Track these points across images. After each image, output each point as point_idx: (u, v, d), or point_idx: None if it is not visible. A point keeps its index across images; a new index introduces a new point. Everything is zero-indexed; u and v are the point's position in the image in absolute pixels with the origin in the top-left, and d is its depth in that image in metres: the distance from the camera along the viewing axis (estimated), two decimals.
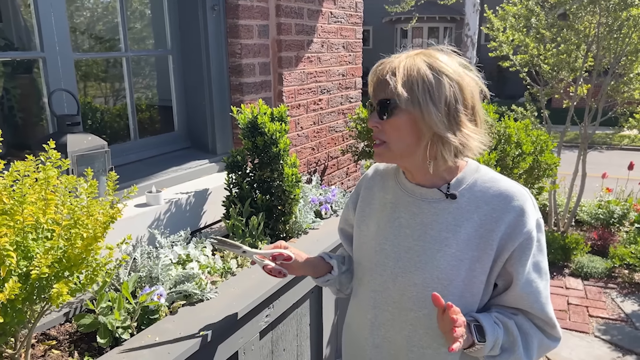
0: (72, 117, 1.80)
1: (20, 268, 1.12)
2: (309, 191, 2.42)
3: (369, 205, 1.37)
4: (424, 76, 1.12)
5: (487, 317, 1.18)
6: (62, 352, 1.39)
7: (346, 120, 3.43)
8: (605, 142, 9.57)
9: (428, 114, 1.12)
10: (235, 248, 1.40)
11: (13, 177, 1.17)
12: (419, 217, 1.24)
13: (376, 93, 1.18)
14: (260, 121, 2.03)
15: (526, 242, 1.16)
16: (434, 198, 1.23)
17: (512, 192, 1.19)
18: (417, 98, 1.12)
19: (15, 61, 2.14)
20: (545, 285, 1.21)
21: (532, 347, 1.20)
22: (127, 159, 2.28)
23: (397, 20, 21.46)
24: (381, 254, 1.29)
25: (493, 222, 1.17)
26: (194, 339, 1.38)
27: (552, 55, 5.17)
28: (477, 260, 1.18)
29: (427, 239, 1.22)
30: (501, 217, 1.17)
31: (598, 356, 3.39)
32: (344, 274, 1.49)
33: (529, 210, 1.18)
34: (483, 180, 1.22)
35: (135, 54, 2.41)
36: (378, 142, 1.20)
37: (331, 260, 1.47)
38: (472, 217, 1.19)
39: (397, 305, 1.26)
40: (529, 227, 1.16)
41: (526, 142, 2.77)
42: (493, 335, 1.15)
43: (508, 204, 1.18)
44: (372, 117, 1.20)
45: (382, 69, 1.17)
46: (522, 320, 1.21)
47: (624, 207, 5.41)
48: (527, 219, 1.17)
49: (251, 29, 2.52)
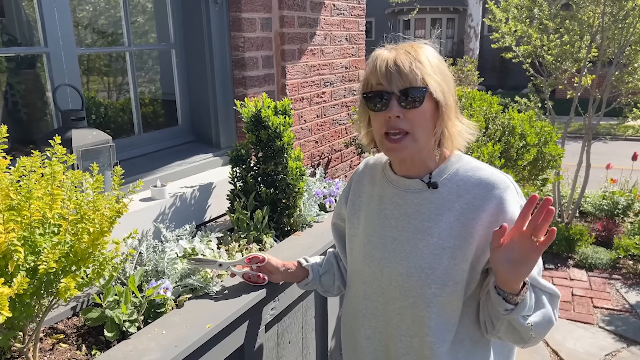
0: (77, 112, 1.80)
1: (28, 263, 1.13)
2: (313, 184, 2.42)
3: (358, 198, 1.40)
4: (441, 66, 1.19)
5: None
6: (70, 346, 1.40)
7: (349, 113, 3.43)
8: (609, 133, 9.54)
9: (449, 101, 1.19)
10: (212, 263, 1.52)
11: (19, 173, 1.17)
12: (403, 208, 1.27)
13: (394, 83, 1.16)
14: (264, 115, 2.03)
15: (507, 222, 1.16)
16: (417, 188, 1.26)
17: (493, 180, 1.20)
18: (442, 86, 1.18)
19: (19, 56, 2.14)
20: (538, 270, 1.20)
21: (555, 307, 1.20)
22: (131, 153, 2.29)
23: (400, 11, 21.34)
24: (369, 245, 1.32)
25: (474, 211, 1.19)
26: (200, 332, 1.39)
27: (555, 46, 5.14)
28: (458, 249, 1.19)
29: (410, 229, 1.25)
30: (482, 206, 1.18)
31: (603, 347, 3.40)
32: (324, 275, 1.56)
33: (509, 198, 1.18)
34: (465, 169, 1.24)
35: (139, 48, 2.40)
36: (399, 134, 1.18)
37: (307, 265, 1.55)
38: (453, 206, 1.21)
39: (385, 295, 1.28)
40: (512, 214, 1.16)
41: (530, 134, 2.76)
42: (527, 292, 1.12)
43: (489, 192, 1.19)
44: (392, 108, 1.16)
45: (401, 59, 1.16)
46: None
47: (629, 198, 5.39)
48: (509, 206, 1.17)
49: (254, 22, 2.51)
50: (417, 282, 1.21)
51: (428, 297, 1.20)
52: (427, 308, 1.21)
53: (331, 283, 1.57)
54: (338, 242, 1.52)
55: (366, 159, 1.47)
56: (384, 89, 1.17)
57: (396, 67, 1.16)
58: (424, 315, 1.21)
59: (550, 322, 1.17)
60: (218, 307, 1.52)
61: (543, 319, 1.16)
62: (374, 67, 1.19)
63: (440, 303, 1.21)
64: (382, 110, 1.19)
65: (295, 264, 1.58)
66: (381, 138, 1.22)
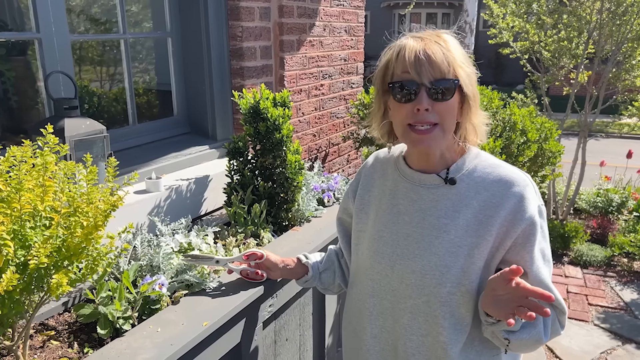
0: (70, 101, 1.74)
1: (17, 257, 1.07)
2: (312, 178, 2.38)
3: (368, 192, 1.36)
4: (467, 57, 1.16)
5: None
6: (62, 343, 1.35)
7: (347, 106, 3.38)
8: (602, 130, 9.56)
9: (475, 93, 1.17)
10: (209, 260, 1.50)
11: (9, 163, 1.12)
12: (418, 204, 1.23)
13: (424, 74, 1.11)
14: (263, 106, 1.98)
15: (529, 229, 1.14)
16: (433, 184, 1.22)
17: (512, 178, 1.17)
18: (471, 77, 1.16)
19: (9, 42, 2.07)
20: (549, 272, 1.19)
21: (548, 326, 1.16)
22: (125, 144, 2.23)
23: (395, 5, 21.29)
24: (379, 241, 1.28)
25: (492, 208, 1.15)
26: (197, 330, 1.34)
27: (553, 42, 5.11)
28: (475, 247, 1.16)
29: (425, 226, 1.21)
30: (501, 203, 1.15)
31: (598, 344, 3.39)
32: (324, 273, 1.52)
33: (529, 196, 1.16)
34: (483, 166, 1.21)
35: (134, 36, 2.34)
36: (428, 126, 1.14)
37: (307, 262, 1.52)
38: (471, 203, 1.17)
39: (396, 294, 1.24)
40: (531, 213, 1.14)
41: (531, 130, 2.73)
42: None
43: (508, 189, 1.16)
44: (421, 100, 1.12)
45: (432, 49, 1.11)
46: None
47: (623, 196, 5.39)
48: (528, 204, 1.15)
49: (252, 11, 2.45)
50: (431, 281, 1.18)
51: (443, 296, 1.17)
52: (441, 307, 1.18)
53: (331, 281, 1.53)
54: (342, 237, 1.48)
55: (376, 153, 1.43)
56: (411, 78, 1.12)
57: (427, 57, 1.11)
58: (438, 315, 1.18)
59: (538, 342, 1.15)
60: (215, 304, 1.48)
61: (529, 338, 1.13)
62: (402, 57, 1.13)
63: (455, 302, 1.17)
64: (409, 102, 1.14)
65: (295, 260, 1.54)
66: (405, 130, 1.17)
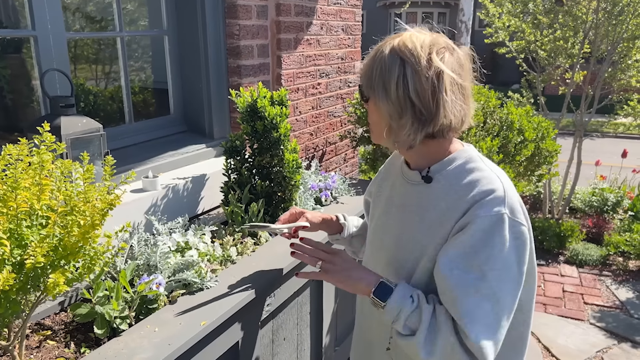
0: (66, 99, 1.73)
1: (14, 257, 1.06)
2: (309, 177, 2.37)
3: (385, 181, 1.40)
4: (383, 60, 1.12)
5: (406, 288, 1.14)
6: (58, 343, 1.34)
7: (345, 105, 3.37)
8: (597, 130, 9.60)
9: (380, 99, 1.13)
10: (264, 227, 1.53)
11: (5, 161, 1.11)
12: (402, 198, 1.27)
13: None
14: (260, 105, 1.97)
15: (469, 228, 1.08)
16: (415, 181, 1.24)
17: (481, 183, 1.12)
18: (373, 83, 1.14)
19: (4, 40, 2.05)
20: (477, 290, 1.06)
21: (436, 343, 1.08)
22: (122, 143, 2.22)
23: (391, 4, 21.30)
24: (370, 229, 1.39)
25: (455, 212, 1.13)
26: (195, 330, 1.34)
27: (548, 42, 5.12)
28: (431, 247, 1.15)
29: (400, 219, 1.25)
30: (462, 206, 1.12)
31: (594, 343, 3.40)
32: (355, 238, 1.57)
33: (489, 203, 1.09)
34: (463, 168, 1.17)
35: (130, 34, 2.32)
36: None
37: (343, 223, 1.57)
38: (439, 204, 1.16)
39: None
40: (481, 218, 1.07)
41: (528, 129, 2.73)
42: (396, 303, 1.11)
43: (469, 193, 1.11)
44: None
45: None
46: (444, 314, 1.10)
47: (618, 195, 5.41)
48: (483, 210, 1.08)
49: (250, 9, 2.44)
50: (393, 273, 1.23)
51: None
52: None
53: (359, 247, 1.58)
54: (366, 215, 1.53)
55: None
56: None
57: None
58: None
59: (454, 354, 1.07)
60: (213, 304, 1.47)
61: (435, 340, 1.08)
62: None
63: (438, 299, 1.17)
64: None
65: (334, 217, 1.57)
66: None
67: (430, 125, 1.11)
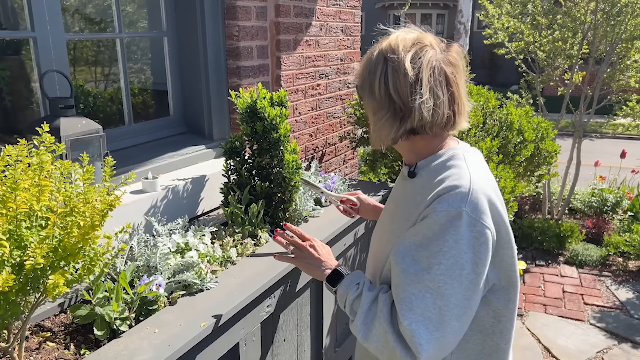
0: (65, 100, 1.73)
1: (13, 258, 1.06)
2: (308, 178, 2.37)
3: None
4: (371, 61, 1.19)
5: (356, 276, 1.25)
6: (58, 345, 1.34)
7: (344, 106, 3.37)
8: (596, 131, 9.59)
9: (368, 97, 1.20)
10: (316, 188, 1.71)
11: (4, 162, 1.10)
12: (395, 193, 1.35)
13: None
14: (260, 106, 1.97)
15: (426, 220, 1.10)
16: (404, 176, 1.29)
17: (450, 179, 1.13)
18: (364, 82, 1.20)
19: (4, 41, 2.05)
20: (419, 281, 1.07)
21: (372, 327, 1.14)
22: (121, 144, 2.21)
23: (390, 6, 21.34)
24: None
25: (422, 205, 1.15)
26: (195, 331, 1.33)
27: (547, 42, 5.13)
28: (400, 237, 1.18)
29: (390, 213, 1.32)
30: (427, 200, 1.14)
31: (594, 344, 3.40)
32: None
33: (450, 198, 1.09)
34: (443, 164, 1.19)
35: (130, 35, 2.32)
36: None
37: None
38: (415, 198, 1.19)
39: None
40: (438, 212, 1.09)
41: (528, 129, 2.73)
42: (342, 289, 1.24)
43: (439, 186, 1.13)
44: None
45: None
46: (384, 302, 1.14)
47: (617, 195, 5.42)
48: (442, 205, 1.09)
49: (249, 11, 2.44)
50: (372, 266, 1.33)
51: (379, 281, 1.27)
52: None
53: None
54: None
55: None
56: None
57: None
58: None
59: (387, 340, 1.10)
60: (213, 305, 1.46)
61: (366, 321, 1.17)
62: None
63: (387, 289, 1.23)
64: None
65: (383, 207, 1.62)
66: None
67: (408, 121, 1.16)
